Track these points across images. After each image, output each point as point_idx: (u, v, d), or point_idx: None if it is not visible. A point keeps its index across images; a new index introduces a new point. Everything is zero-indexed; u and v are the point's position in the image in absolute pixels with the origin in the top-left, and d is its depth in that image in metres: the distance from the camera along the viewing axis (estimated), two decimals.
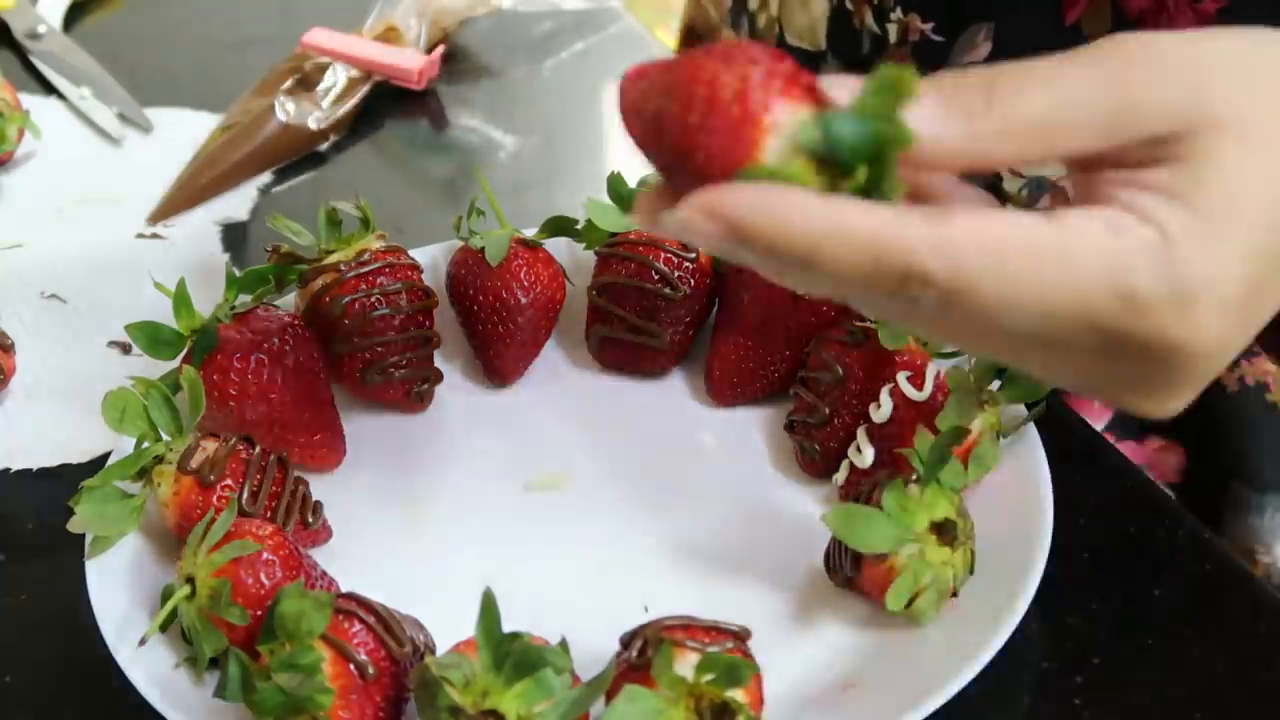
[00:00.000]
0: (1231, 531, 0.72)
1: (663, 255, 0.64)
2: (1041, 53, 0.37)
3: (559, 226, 0.67)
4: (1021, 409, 0.58)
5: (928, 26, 0.72)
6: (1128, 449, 0.73)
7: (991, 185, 0.73)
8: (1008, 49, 0.69)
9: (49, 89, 0.92)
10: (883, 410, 0.58)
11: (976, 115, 0.36)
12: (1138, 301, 0.36)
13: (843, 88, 0.37)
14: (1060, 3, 0.67)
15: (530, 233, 0.67)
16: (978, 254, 0.35)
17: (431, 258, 0.68)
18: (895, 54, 0.74)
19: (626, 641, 0.49)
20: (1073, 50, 0.37)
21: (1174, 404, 0.39)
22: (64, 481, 0.63)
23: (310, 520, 0.58)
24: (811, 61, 0.81)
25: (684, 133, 0.36)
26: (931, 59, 0.72)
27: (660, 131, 0.36)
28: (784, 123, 0.35)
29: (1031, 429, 0.58)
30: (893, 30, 0.73)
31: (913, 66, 0.35)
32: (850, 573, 0.54)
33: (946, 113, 0.36)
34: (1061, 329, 0.36)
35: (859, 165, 0.35)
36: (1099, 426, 0.72)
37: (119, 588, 0.54)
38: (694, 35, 1.02)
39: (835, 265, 0.35)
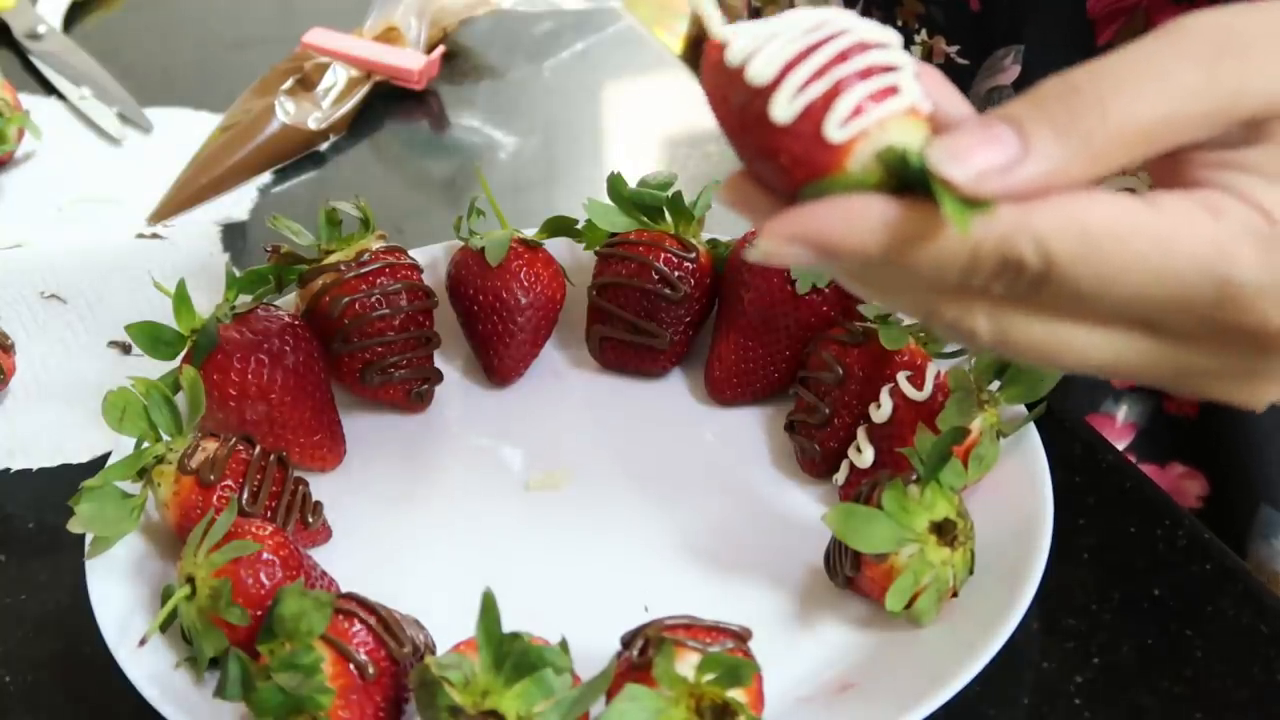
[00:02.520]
0: (1257, 556, 0.72)
1: (663, 255, 0.64)
2: None
3: (559, 226, 0.67)
4: (1021, 409, 0.58)
5: (953, 50, 0.71)
6: (1149, 473, 0.73)
7: None
8: (1037, 72, 0.69)
9: (49, 89, 0.92)
10: (883, 410, 0.58)
11: (1094, 136, 0.34)
12: (1240, 288, 0.34)
13: (944, 97, 0.36)
14: (1092, 25, 0.66)
15: (530, 233, 0.67)
16: (1073, 238, 0.34)
17: (431, 258, 0.68)
18: None
19: (627, 641, 0.49)
20: (1153, 36, 0.36)
21: (1273, 395, 0.38)
22: (64, 481, 0.63)
23: (310, 520, 0.58)
24: None
25: (770, 134, 0.35)
26: (957, 82, 0.72)
27: (745, 126, 0.36)
28: (873, 133, 0.34)
29: (1031, 429, 0.58)
30: (917, 53, 0.73)
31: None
32: (850, 573, 0.54)
33: (1063, 143, 0.34)
34: (1157, 313, 0.35)
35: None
36: (1120, 447, 0.72)
37: (119, 588, 0.54)
38: (700, 47, 1.02)
39: (933, 262, 0.34)
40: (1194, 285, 0.34)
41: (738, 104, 0.36)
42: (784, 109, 0.35)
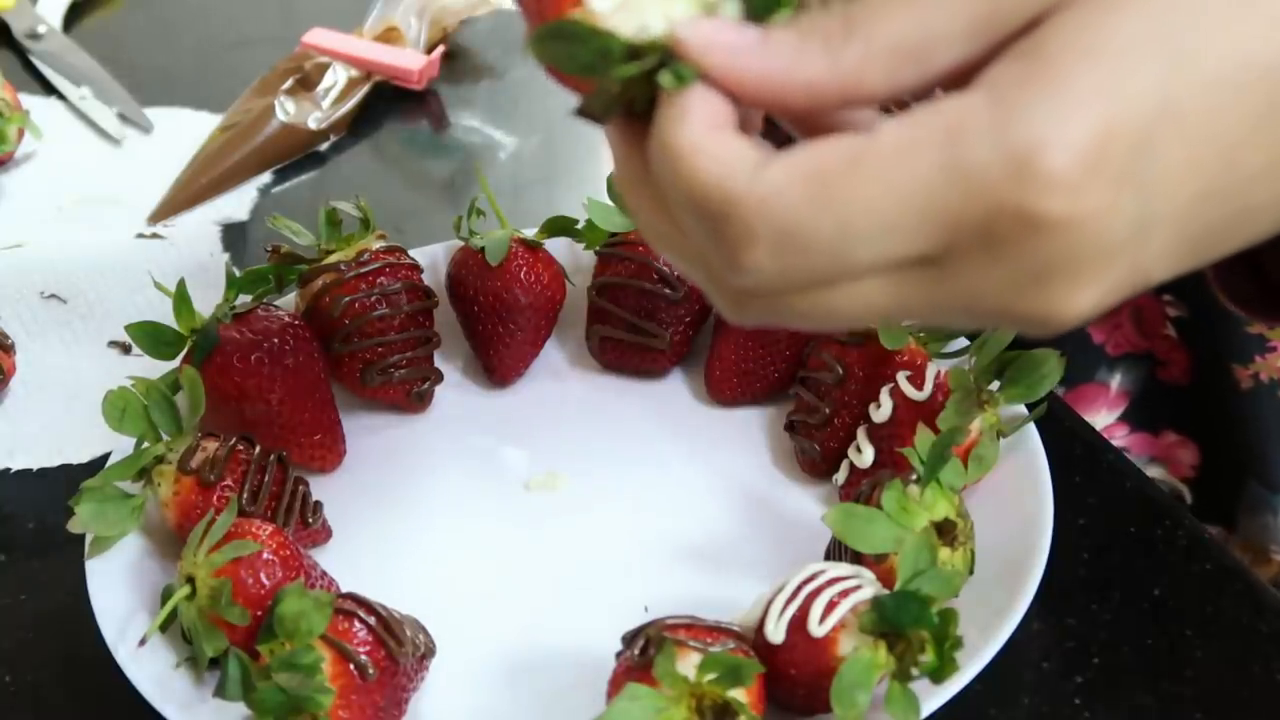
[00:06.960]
0: (1245, 529, 0.72)
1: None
2: None
3: (559, 226, 0.67)
4: (1021, 409, 0.58)
5: None
6: (1142, 441, 0.72)
7: None
8: None
9: (49, 89, 0.92)
10: (883, 410, 0.58)
11: (835, 46, 0.32)
12: (972, 177, 0.31)
13: None
14: None
15: (530, 233, 0.67)
16: (799, 189, 0.31)
17: (431, 258, 0.68)
18: None
19: (628, 641, 0.49)
20: None
21: (1078, 297, 0.32)
22: (64, 481, 0.63)
23: (310, 520, 0.58)
24: None
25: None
26: None
27: None
28: None
29: (1031, 429, 0.58)
30: None
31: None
32: None
33: (802, 45, 0.32)
34: (916, 241, 0.32)
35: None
36: (1113, 418, 0.72)
37: (119, 588, 0.54)
38: None
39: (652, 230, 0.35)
40: (929, 186, 0.31)
41: None
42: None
